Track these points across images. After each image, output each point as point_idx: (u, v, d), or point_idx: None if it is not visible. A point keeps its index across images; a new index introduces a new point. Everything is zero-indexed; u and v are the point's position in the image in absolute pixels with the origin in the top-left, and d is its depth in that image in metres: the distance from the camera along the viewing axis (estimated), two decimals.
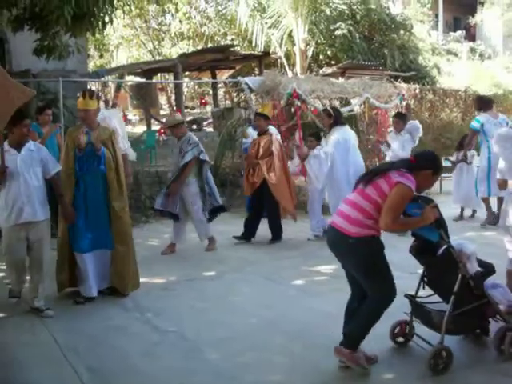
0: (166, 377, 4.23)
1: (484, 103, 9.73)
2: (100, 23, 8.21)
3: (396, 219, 4.01)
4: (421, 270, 6.70)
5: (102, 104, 23.71)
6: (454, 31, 34.61)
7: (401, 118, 9.42)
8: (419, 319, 4.62)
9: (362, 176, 4.32)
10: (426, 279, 4.78)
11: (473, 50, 31.21)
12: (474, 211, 10.04)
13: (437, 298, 4.74)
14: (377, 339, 4.78)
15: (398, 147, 8.93)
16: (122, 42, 24.86)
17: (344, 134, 8.55)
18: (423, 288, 4.75)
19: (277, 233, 8.40)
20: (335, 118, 8.56)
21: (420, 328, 4.65)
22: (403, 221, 4.19)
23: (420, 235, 4.50)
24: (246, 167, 8.58)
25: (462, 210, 10.00)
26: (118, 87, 17.74)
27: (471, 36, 34.92)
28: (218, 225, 8.43)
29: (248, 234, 8.41)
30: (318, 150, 8.38)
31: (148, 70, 17.75)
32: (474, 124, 9.41)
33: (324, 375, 4.18)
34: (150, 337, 5.00)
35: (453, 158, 10.13)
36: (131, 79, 19.55)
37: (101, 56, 23.08)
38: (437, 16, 33.62)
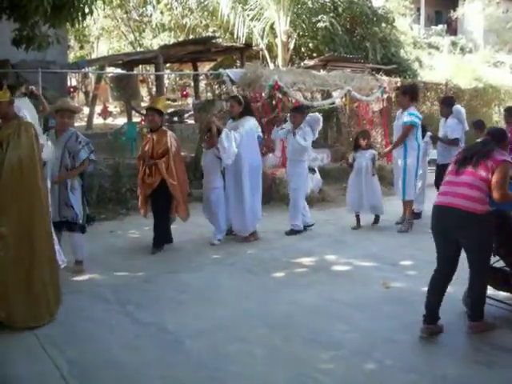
0: (146, 369, 4.21)
1: (417, 94, 9.08)
2: (80, 14, 8.13)
3: (507, 192, 4.48)
4: (402, 262, 6.82)
5: (81, 95, 23.60)
6: (436, 25, 34.82)
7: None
8: None
9: (463, 160, 4.74)
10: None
11: (454, 44, 31.42)
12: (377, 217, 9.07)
13: None
14: (360, 332, 4.82)
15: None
16: (102, 33, 24.66)
17: (254, 127, 8.01)
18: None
19: (163, 237, 7.60)
20: (245, 107, 7.99)
21: None
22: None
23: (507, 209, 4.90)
24: (140, 167, 7.66)
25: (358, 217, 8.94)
26: (99, 79, 17.59)
27: (452, 30, 35.15)
28: (195, 217, 8.34)
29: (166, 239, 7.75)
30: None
31: (129, 62, 17.61)
32: (414, 119, 8.41)
33: (305, 366, 4.18)
34: (131, 329, 4.98)
35: (350, 160, 8.89)
36: (112, 71, 19.39)
37: (81, 47, 22.89)
38: (418, 10, 33.79)
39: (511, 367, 4.09)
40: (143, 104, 21.51)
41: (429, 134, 9.46)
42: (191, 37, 21.53)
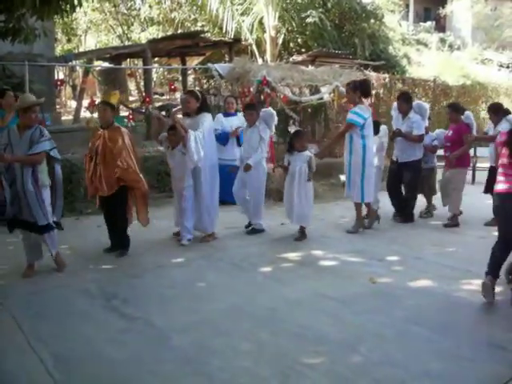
0: (133, 364, 4.20)
1: (369, 89, 8.70)
2: (68, 6, 8.05)
3: None
4: (389, 258, 6.86)
5: (68, 89, 23.46)
6: (425, 22, 35.00)
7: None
8: None
9: None
10: None
11: (442, 41, 31.58)
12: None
13: None
14: (346, 326, 4.84)
15: None
16: (90, 26, 24.51)
17: (212, 124, 7.81)
18: None
19: (127, 242, 7.17)
20: (203, 102, 7.63)
21: None
22: None
23: None
24: (87, 166, 7.11)
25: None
26: (86, 72, 17.50)
27: (441, 27, 35.31)
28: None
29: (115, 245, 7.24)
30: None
31: (117, 56, 17.51)
32: (357, 118, 8.02)
33: (291, 361, 4.19)
34: (117, 324, 4.96)
35: (285, 163, 8.15)
36: (100, 64, 19.29)
37: (69, 40, 22.73)
38: (407, 6, 33.92)
39: (494, 362, 4.12)
40: (131, 98, 21.45)
41: (384, 128, 9.24)
42: (180, 31, 21.49)
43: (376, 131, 8.77)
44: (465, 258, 6.94)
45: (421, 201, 9.34)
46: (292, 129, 10.30)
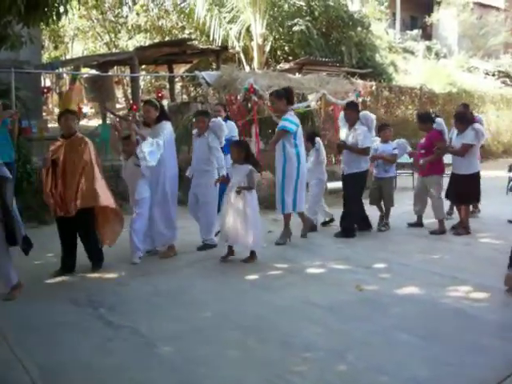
0: (118, 372, 4.17)
1: (292, 97, 8.39)
2: (54, 13, 8.04)
3: None
4: (376, 265, 6.87)
5: (55, 96, 23.35)
6: (411, 30, 35.18)
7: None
8: None
9: None
10: None
11: (429, 49, 31.78)
12: None
13: None
14: (333, 334, 4.83)
15: None
16: (77, 33, 24.43)
17: (172, 133, 7.49)
18: None
19: (101, 256, 6.88)
20: (162, 111, 7.43)
21: None
22: None
23: None
24: (44, 180, 6.51)
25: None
26: (73, 79, 17.36)
27: (427, 35, 35.53)
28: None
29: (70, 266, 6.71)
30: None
31: (104, 63, 17.49)
32: (289, 125, 7.79)
33: (278, 368, 4.17)
34: (103, 332, 4.93)
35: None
36: (87, 72, 19.24)
37: (56, 47, 22.65)
38: (394, 14, 34.09)
39: (481, 368, 4.13)
40: (118, 106, 21.39)
41: (318, 140, 9.07)
42: (167, 38, 21.47)
43: (312, 143, 8.77)
44: (451, 264, 6.97)
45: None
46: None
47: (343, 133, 8.87)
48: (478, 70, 30.39)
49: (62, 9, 8.07)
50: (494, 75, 29.97)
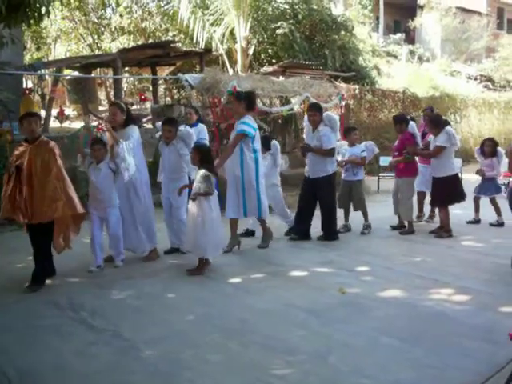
0: (100, 377, 4.13)
1: (254, 101, 8.08)
2: (36, 14, 7.97)
3: None
4: (358, 268, 6.89)
5: (37, 98, 23.20)
6: (394, 34, 35.43)
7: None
8: None
9: None
10: None
11: (412, 53, 32.01)
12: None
13: None
14: (316, 337, 4.83)
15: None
16: (60, 34, 24.29)
17: (140, 137, 7.27)
18: None
19: (48, 269, 6.44)
20: (128, 115, 7.20)
21: None
22: None
23: None
24: (5, 186, 6.20)
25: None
26: (56, 81, 17.31)
27: (411, 39, 35.81)
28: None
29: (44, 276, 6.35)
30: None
31: (87, 65, 17.43)
32: (247, 128, 7.50)
33: (260, 372, 4.16)
34: (85, 336, 4.89)
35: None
36: (69, 73, 19.13)
37: (38, 48, 22.50)
38: (378, 18, 34.29)
39: (463, 371, 4.14)
40: (101, 108, 21.29)
41: (275, 143, 8.91)
42: (150, 41, 21.42)
43: (267, 147, 8.59)
44: (434, 267, 7.00)
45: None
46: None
47: (307, 136, 8.68)
48: (460, 74, 30.65)
49: (43, 10, 7.99)
50: (476, 79, 30.24)
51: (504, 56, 31.65)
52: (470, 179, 10.26)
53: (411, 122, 9.15)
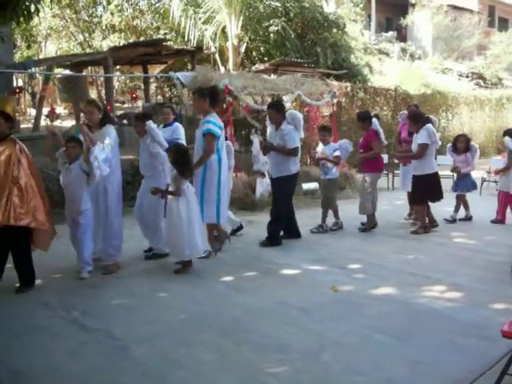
0: (92, 376, 4.11)
1: (217, 97, 7.66)
2: (25, 12, 7.92)
3: None
4: (351, 266, 6.88)
5: (28, 96, 23.08)
6: (386, 31, 35.49)
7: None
8: None
9: None
10: None
11: (404, 51, 32.07)
12: None
13: None
14: (308, 335, 4.82)
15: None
16: (50, 33, 24.17)
17: (116, 138, 6.89)
18: None
19: (31, 277, 6.17)
20: (105, 113, 6.88)
21: None
22: None
23: None
24: None
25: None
26: (46, 79, 17.23)
27: (402, 37, 35.87)
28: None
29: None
30: None
31: (78, 63, 17.32)
32: (213, 127, 7.07)
33: (253, 370, 4.15)
34: (76, 336, 4.86)
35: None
36: (60, 72, 19.04)
37: (28, 47, 22.30)
38: (369, 16, 34.33)
39: (455, 367, 4.14)
40: None
41: (228, 143, 8.09)
42: (142, 39, 21.34)
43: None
44: (426, 264, 7.01)
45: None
46: (254, 137, 10.19)
47: (270, 134, 8.40)
48: (451, 72, 30.75)
49: (32, 7, 7.93)
50: (467, 77, 30.35)
51: (495, 53, 31.80)
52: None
53: (374, 120, 9.14)
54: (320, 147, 9.18)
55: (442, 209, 9.57)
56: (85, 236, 6.50)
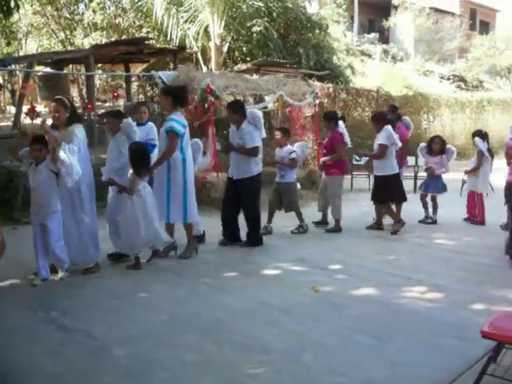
0: (72, 377, 4.07)
1: (183, 96, 7.41)
2: (5, 8, 7.83)
3: None
4: (332, 266, 6.89)
5: (7, 94, 22.80)
6: (369, 33, 35.63)
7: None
8: None
9: None
10: None
11: (386, 52, 32.24)
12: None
13: None
14: (289, 335, 4.81)
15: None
16: (31, 29, 23.91)
17: (85, 137, 6.62)
18: None
19: None
20: (73, 112, 6.56)
21: None
22: None
23: None
24: None
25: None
26: (27, 77, 17.06)
27: (385, 38, 36.05)
28: None
29: None
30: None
31: (59, 61, 17.17)
32: (176, 125, 6.99)
33: (234, 371, 4.15)
34: (56, 337, 4.81)
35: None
36: (41, 69, 18.87)
37: (8, 43, 22.04)
38: (352, 17, 34.43)
39: (435, 368, 4.16)
40: None
41: (196, 141, 8.26)
42: (124, 37, 21.21)
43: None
44: (406, 265, 7.05)
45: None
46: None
47: (231, 133, 8.16)
48: (433, 74, 30.98)
49: (12, 3, 7.83)
50: (448, 79, 30.59)
51: (476, 56, 32.04)
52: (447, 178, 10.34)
53: (340, 122, 9.17)
54: (276, 150, 8.99)
55: (413, 209, 9.71)
56: (55, 242, 6.21)
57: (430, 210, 9.71)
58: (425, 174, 10.15)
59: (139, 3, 20.72)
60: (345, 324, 5.03)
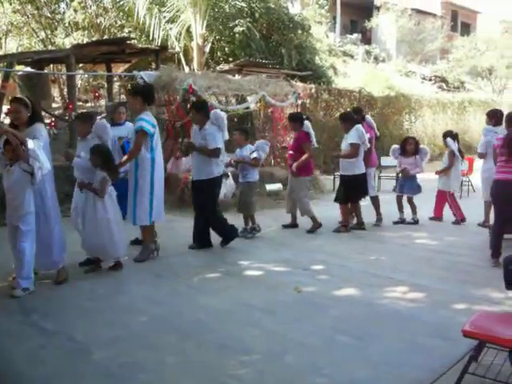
0: (53, 380, 4.04)
1: (151, 95, 7.36)
2: None
3: None
4: (314, 267, 6.89)
5: None
6: (351, 34, 35.72)
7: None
8: None
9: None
10: None
11: (368, 53, 32.35)
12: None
13: None
14: (271, 336, 4.80)
15: None
16: (11, 28, 23.67)
17: (47, 137, 6.26)
18: None
19: None
20: (34, 111, 6.18)
21: None
22: None
23: None
24: None
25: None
26: (7, 77, 16.88)
27: (367, 39, 36.19)
28: None
29: None
30: None
31: (39, 60, 17.00)
32: (146, 125, 6.91)
33: (216, 373, 4.12)
34: (36, 340, 4.75)
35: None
36: (21, 69, 18.69)
37: None
38: (334, 18, 34.50)
39: (418, 368, 4.17)
40: (54, 105, 20.90)
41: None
42: (105, 37, 21.08)
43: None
44: (388, 265, 7.07)
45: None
46: None
47: (194, 135, 7.96)
48: (415, 75, 31.15)
49: None
50: (430, 80, 30.79)
51: (457, 57, 32.27)
52: (424, 178, 10.37)
53: (306, 122, 9.11)
54: (237, 150, 8.87)
55: (392, 209, 9.79)
56: (26, 245, 5.86)
57: (407, 211, 9.74)
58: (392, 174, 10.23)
59: (121, 3, 20.60)
60: (327, 324, 5.03)
